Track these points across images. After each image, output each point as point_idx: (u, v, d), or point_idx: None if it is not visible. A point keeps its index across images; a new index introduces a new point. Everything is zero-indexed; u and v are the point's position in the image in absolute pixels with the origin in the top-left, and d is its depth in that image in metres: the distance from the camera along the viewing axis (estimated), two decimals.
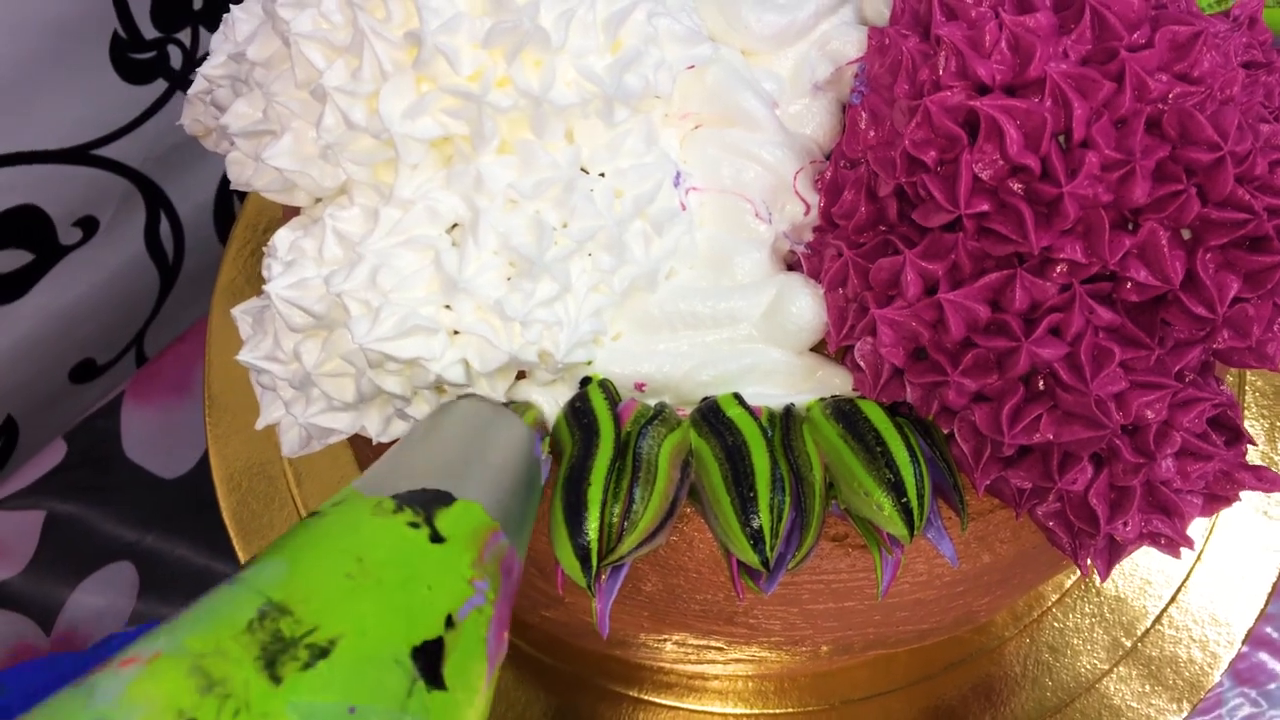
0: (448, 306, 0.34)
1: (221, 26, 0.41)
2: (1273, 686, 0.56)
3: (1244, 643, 0.49)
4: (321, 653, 0.23)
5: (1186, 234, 0.32)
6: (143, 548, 0.73)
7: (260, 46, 0.35)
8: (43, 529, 0.74)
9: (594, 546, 0.32)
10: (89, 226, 0.81)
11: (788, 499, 0.33)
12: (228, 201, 0.93)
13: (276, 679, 0.22)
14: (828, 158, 0.38)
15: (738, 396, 0.36)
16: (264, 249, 0.36)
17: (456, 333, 0.34)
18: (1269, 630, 0.58)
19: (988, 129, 0.31)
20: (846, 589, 0.37)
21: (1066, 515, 0.34)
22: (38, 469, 0.74)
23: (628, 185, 0.35)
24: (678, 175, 0.36)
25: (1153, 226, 0.31)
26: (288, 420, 0.37)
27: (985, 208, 0.32)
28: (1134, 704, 0.48)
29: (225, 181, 0.88)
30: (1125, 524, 0.34)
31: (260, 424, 0.38)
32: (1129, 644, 0.49)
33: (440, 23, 0.32)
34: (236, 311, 0.37)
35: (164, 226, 0.88)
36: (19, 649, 0.71)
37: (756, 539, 0.32)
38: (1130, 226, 0.32)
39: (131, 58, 0.78)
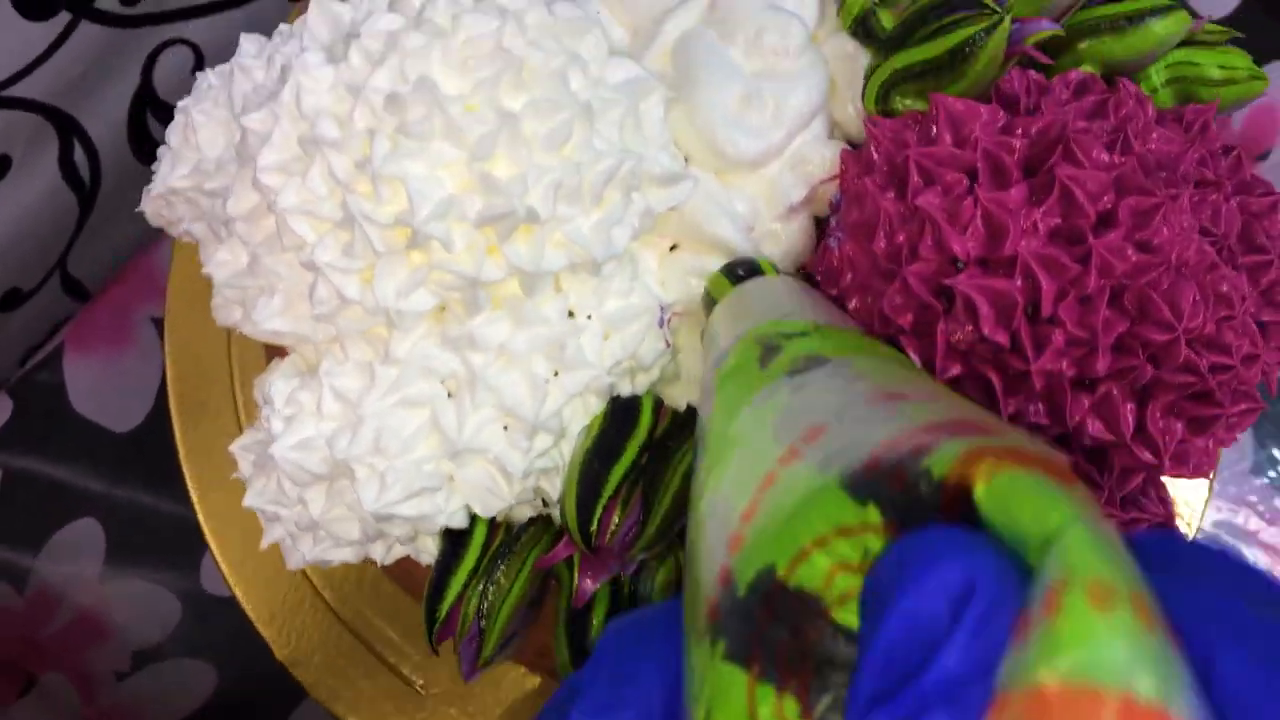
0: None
1: (178, 124, 0.40)
2: None
3: None
4: None
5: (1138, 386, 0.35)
6: (105, 503, 0.75)
7: (239, 200, 0.35)
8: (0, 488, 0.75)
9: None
10: (2, 166, 0.79)
11: None
12: (141, 116, 0.90)
13: None
14: (799, 270, 0.39)
15: None
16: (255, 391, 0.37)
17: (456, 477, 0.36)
18: None
19: (963, 303, 0.33)
20: None
21: None
22: None
23: (615, 327, 0.36)
24: (662, 315, 0.37)
25: (1109, 388, 0.34)
26: (290, 543, 0.39)
27: (957, 372, 0.34)
28: None
29: (138, 98, 0.86)
30: None
31: (264, 544, 0.39)
32: None
33: (430, 209, 0.32)
34: (236, 449, 0.38)
35: (78, 153, 0.85)
36: None
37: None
38: (1088, 384, 0.34)
39: None
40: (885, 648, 0.16)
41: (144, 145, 0.87)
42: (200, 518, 0.58)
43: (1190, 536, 0.55)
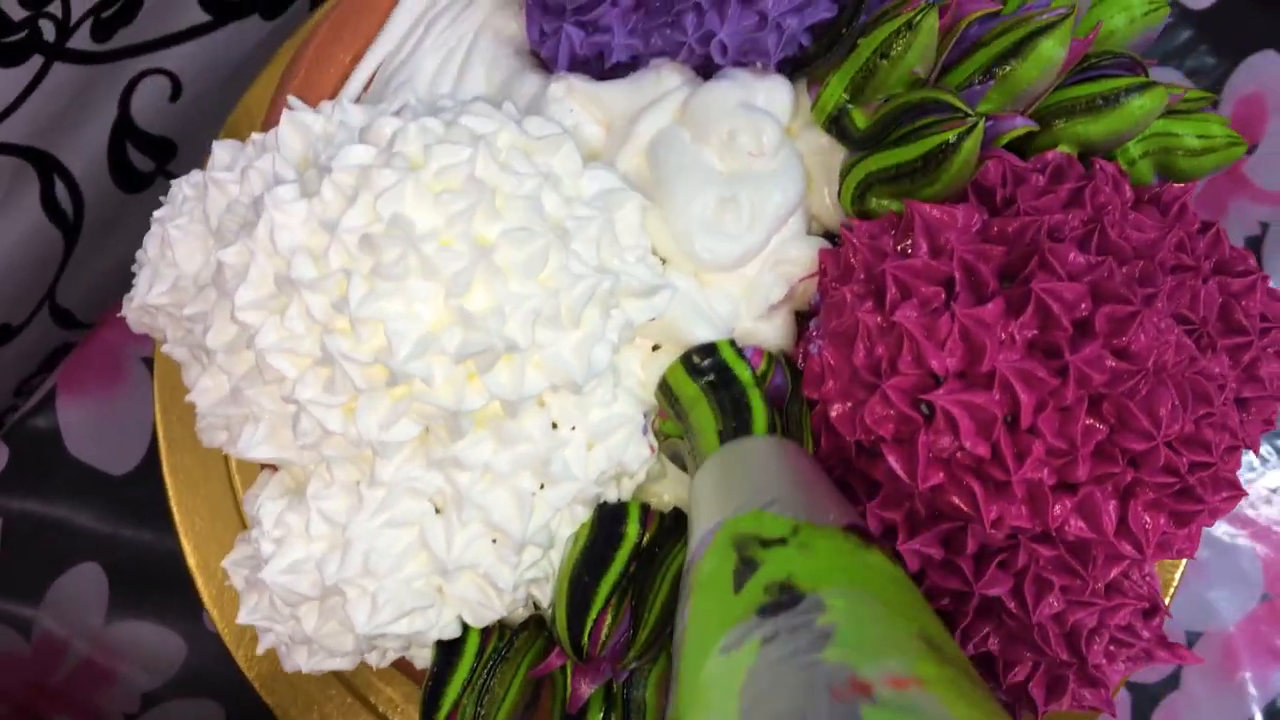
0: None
1: (155, 235, 0.40)
2: None
3: None
4: None
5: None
6: (106, 546, 0.75)
7: (218, 333, 0.35)
8: (1, 535, 0.75)
9: None
10: None
11: None
12: (121, 148, 0.89)
13: None
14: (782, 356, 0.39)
15: None
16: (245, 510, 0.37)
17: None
18: None
19: (943, 416, 0.33)
20: None
21: (1006, 697, 0.39)
22: None
23: (599, 437, 0.37)
24: (645, 421, 0.37)
25: (1091, 490, 0.34)
26: (285, 651, 0.39)
27: (939, 480, 0.34)
28: None
29: (116, 130, 0.85)
30: (1059, 702, 0.38)
31: (260, 650, 0.40)
32: None
33: (409, 350, 0.32)
34: (228, 564, 0.38)
35: (59, 189, 0.85)
36: (2, 659, 0.74)
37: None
38: (1069, 486, 0.35)
39: (2, 42, 0.73)
40: None
41: (125, 175, 0.87)
42: (198, 583, 0.58)
43: None
